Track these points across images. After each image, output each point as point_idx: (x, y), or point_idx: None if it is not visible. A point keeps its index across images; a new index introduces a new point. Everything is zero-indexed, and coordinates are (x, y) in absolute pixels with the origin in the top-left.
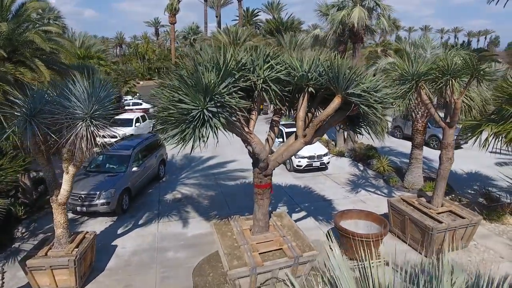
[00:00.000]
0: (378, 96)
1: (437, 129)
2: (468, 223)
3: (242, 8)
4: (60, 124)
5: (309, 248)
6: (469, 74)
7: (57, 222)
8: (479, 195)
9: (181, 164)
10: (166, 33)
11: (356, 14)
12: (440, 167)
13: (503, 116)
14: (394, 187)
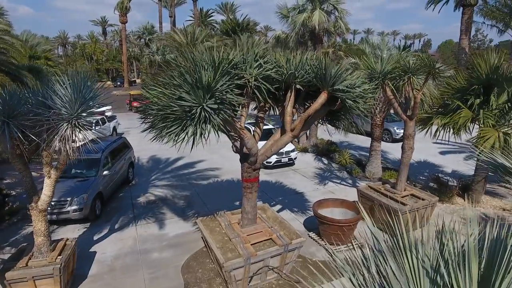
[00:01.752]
0: (360, 91)
1: (389, 123)
2: (427, 204)
3: (197, 8)
4: (41, 126)
5: (296, 236)
6: (426, 71)
7: (38, 230)
8: (430, 180)
9: (148, 167)
10: (115, 32)
11: (317, 17)
12: (403, 156)
13: (450, 109)
14: (357, 178)
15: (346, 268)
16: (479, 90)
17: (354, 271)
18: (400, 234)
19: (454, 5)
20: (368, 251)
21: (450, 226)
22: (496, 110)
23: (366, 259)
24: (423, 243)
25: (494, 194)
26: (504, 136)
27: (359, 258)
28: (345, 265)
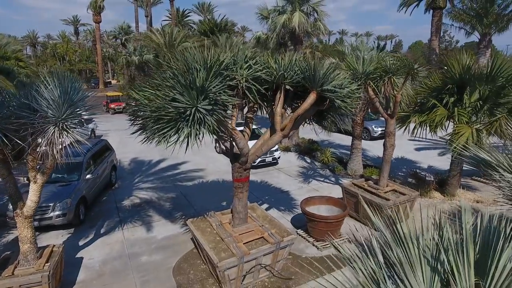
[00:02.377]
0: (347, 91)
1: (367, 122)
2: (409, 199)
3: (174, 8)
4: (25, 129)
5: (287, 233)
6: (406, 72)
7: (23, 237)
8: (408, 176)
9: (130, 169)
10: (87, 32)
11: (297, 18)
12: (385, 153)
13: (427, 108)
14: (339, 175)
15: (355, 258)
16: (453, 89)
17: (364, 262)
18: (400, 225)
19: (425, 7)
20: (375, 243)
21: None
22: (469, 108)
23: (373, 249)
24: (423, 234)
25: (468, 188)
26: (477, 132)
27: (365, 250)
28: (355, 256)
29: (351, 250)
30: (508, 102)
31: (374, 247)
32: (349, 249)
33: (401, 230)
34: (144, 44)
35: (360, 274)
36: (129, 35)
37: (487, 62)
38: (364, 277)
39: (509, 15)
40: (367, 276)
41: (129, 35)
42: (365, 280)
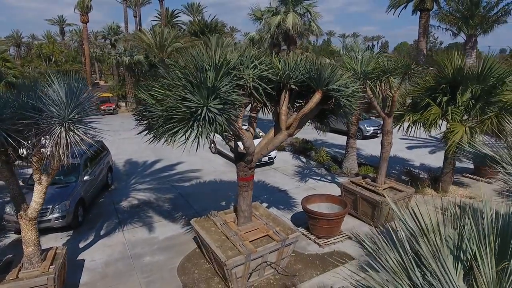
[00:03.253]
0: (352, 90)
1: (360, 121)
2: (406, 195)
3: (164, 8)
4: (29, 130)
5: (292, 231)
6: (403, 72)
7: (28, 240)
8: (402, 174)
9: (126, 170)
10: (74, 32)
11: (291, 19)
12: (382, 151)
13: (421, 107)
14: (335, 174)
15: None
16: (447, 88)
17: (393, 252)
18: (422, 218)
19: (412, 9)
20: (402, 233)
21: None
22: (462, 106)
23: (400, 240)
24: (445, 225)
25: (460, 184)
26: (470, 130)
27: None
28: (384, 247)
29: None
30: (499, 101)
31: (401, 238)
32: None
33: (423, 222)
34: (134, 45)
35: (390, 263)
36: (119, 35)
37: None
38: (392, 266)
39: (493, 17)
40: (396, 265)
41: (118, 35)
42: (396, 269)
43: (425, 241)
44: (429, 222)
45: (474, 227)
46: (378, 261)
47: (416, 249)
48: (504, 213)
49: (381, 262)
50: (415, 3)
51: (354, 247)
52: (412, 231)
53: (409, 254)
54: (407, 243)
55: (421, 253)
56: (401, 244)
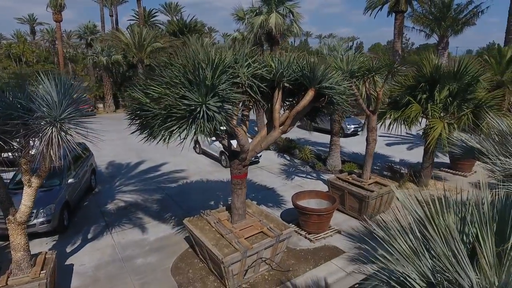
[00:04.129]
0: (344, 87)
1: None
2: (390, 190)
3: (141, 8)
4: (17, 131)
5: (285, 227)
6: (387, 71)
7: (17, 245)
8: (384, 169)
9: (109, 173)
10: (45, 32)
11: (274, 20)
12: (368, 147)
13: (402, 104)
14: (320, 171)
15: (398, 234)
16: (426, 86)
17: (404, 236)
18: (426, 205)
19: (388, 11)
20: (411, 219)
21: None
22: (440, 104)
23: (410, 226)
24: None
25: (438, 178)
26: (448, 125)
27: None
28: (398, 232)
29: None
30: (474, 98)
31: (410, 224)
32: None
33: (427, 210)
34: (112, 44)
35: (402, 247)
36: (95, 34)
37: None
38: (405, 250)
39: (463, 19)
40: (407, 250)
41: (95, 34)
42: (408, 253)
43: (433, 225)
44: (433, 209)
45: (476, 212)
46: (391, 247)
47: (424, 233)
48: (501, 198)
49: (395, 247)
50: (391, 5)
51: (343, 241)
52: (420, 217)
53: (419, 238)
54: (416, 228)
55: (429, 237)
56: (411, 229)
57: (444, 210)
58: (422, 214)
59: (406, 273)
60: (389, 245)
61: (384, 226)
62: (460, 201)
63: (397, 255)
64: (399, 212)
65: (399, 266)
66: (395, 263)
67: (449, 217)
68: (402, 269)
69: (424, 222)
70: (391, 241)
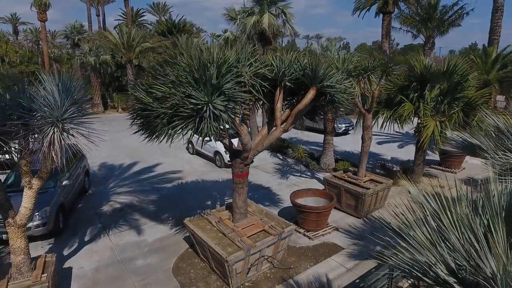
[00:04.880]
0: (345, 86)
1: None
2: (385, 187)
3: (129, 7)
4: (17, 132)
5: (286, 224)
6: (382, 70)
7: (17, 248)
8: (376, 167)
9: (102, 174)
10: (29, 31)
11: (266, 20)
12: (363, 145)
13: (394, 103)
14: (314, 170)
15: (415, 224)
16: (417, 86)
17: (421, 228)
18: (438, 197)
19: (376, 12)
20: (427, 211)
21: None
22: (432, 102)
23: (425, 217)
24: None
25: (429, 175)
26: (440, 123)
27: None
28: (413, 224)
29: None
30: (464, 97)
31: (426, 216)
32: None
33: (439, 202)
34: (100, 44)
35: (421, 238)
36: (82, 34)
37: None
38: (424, 241)
39: (448, 20)
40: (424, 240)
41: (82, 34)
42: (428, 244)
43: (446, 217)
44: (445, 202)
45: (487, 203)
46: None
47: (439, 224)
48: (509, 191)
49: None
50: (378, 6)
51: (341, 237)
52: (433, 209)
53: (435, 229)
54: (432, 220)
55: (446, 228)
56: (426, 221)
57: (456, 202)
58: (435, 207)
59: (430, 262)
60: (409, 237)
61: (401, 220)
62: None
63: (416, 246)
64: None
65: (421, 256)
66: (417, 254)
67: (462, 208)
68: (425, 258)
69: (439, 214)
70: (410, 233)
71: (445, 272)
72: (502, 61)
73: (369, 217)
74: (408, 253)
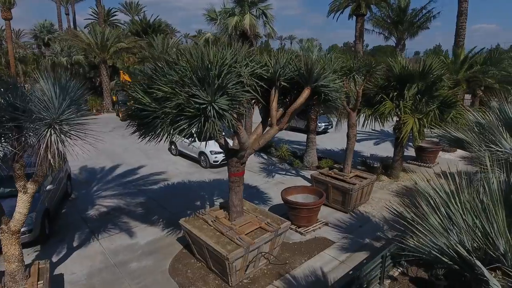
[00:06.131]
0: (338, 85)
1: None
2: (370, 182)
3: (101, 6)
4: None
5: (281, 221)
6: (366, 70)
7: (11, 256)
8: (357, 164)
9: (83, 178)
10: None
11: (248, 21)
12: (348, 142)
13: (374, 102)
14: (298, 168)
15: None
16: (396, 85)
17: (433, 215)
18: (441, 186)
19: (349, 14)
20: (439, 200)
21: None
22: (411, 100)
23: (437, 205)
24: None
25: (407, 170)
26: (418, 120)
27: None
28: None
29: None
30: (439, 95)
31: (438, 204)
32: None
33: (443, 193)
34: (72, 44)
35: (435, 223)
36: (53, 34)
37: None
38: (437, 227)
39: (417, 23)
40: (439, 226)
41: (52, 34)
42: (439, 229)
43: (453, 203)
44: (448, 191)
45: (488, 190)
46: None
47: (446, 211)
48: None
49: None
50: (352, 9)
51: (331, 232)
52: (441, 198)
53: (445, 216)
54: (442, 208)
55: (450, 214)
56: (437, 209)
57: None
58: (444, 196)
59: (448, 244)
60: (425, 223)
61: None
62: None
63: (432, 231)
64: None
65: (436, 239)
66: (433, 237)
67: (464, 196)
68: (443, 240)
69: (447, 201)
70: (426, 219)
71: (462, 251)
72: (469, 62)
73: (355, 211)
74: (426, 237)
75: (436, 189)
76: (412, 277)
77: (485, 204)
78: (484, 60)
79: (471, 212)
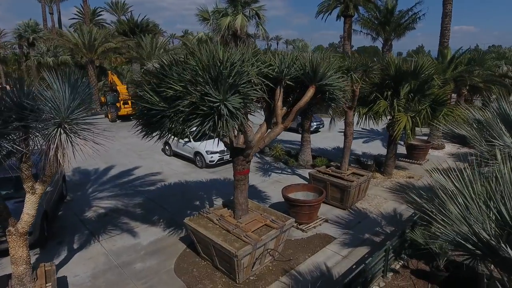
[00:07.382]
0: (342, 83)
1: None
2: (366, 179)
3: (87, 5)
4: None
5: (285, 218)
6: (363, 69)
7: (18, 258)
8: (351, 162)
9: (78, 180)
10: None
11: (239, 21)
12: (346, 140)
13: (369, 101)
14: (293, 166)
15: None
16: (391, 84)
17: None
18: (455, 178)
19: (338, 15)
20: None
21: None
22: (404, 99)
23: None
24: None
25: (399, 167)
26: (411, 118)
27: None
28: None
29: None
30: (431, 94)
31: (455, 194)
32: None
33: (454, 186)
34: (58, 44)
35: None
36: (38, 33)
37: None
38: (457, 215)
39: (404, 24)
40: (458, 213)
41: (38, 33)
42: (459, 217)
43: (469, 193)
44: (463, 183)
45: (501, 182)
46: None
47: (463, 201)
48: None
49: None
50: (341, 10)
51: (332, 228)
52: (457, 189)
53: (462, 205)
54: (459, 198)
55: (467, 204)
56: (455, 198)
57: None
58: (460, 186)
59: (473, 231)
60: (447, 212)
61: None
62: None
63: (453, 219)
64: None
65: (459, 227)
66: (458, 225)
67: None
68: (463, 228)
69: (463, 192)
70: (448, 207)
71: (485, 237)
72: (456, 62)
73: (353, 208)
74: (450, 226)
75: (453, 180)
76: (413, 270)
77: (503, 192)
78: (468, 60)
79: (488, 200)
